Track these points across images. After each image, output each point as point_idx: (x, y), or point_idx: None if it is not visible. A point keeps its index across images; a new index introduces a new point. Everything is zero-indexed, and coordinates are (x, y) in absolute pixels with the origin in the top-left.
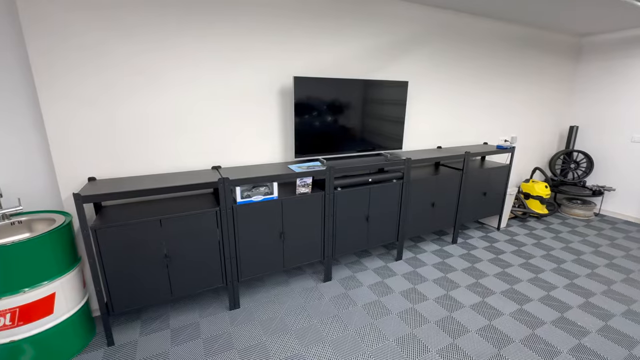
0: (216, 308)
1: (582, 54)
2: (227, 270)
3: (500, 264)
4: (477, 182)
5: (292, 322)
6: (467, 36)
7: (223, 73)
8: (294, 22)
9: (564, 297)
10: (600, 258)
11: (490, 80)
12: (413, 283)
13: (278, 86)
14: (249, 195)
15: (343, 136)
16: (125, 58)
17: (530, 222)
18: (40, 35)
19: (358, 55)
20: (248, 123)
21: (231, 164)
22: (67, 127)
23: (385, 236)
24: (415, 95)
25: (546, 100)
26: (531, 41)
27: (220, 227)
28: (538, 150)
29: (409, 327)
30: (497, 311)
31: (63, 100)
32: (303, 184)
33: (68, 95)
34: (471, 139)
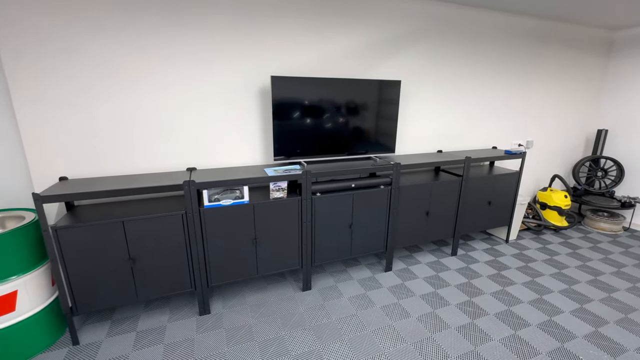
0: (187, 313)
1: (614, 49)
2: (196, 275)
3: (501, 281)
4: (480, 190)
5: (260, 332)
6: (471, 31)
7: (199, 73)
8: (274, 19)
9: (569, 324)
10: (622, 280)
11: (501, 78)
12: (398, 297)
13: (258, 86)
14: (218, 198)
15: (328, 139)
16: (101, 60)
17: (545, 235)
18: (12, 38)
19: (347, 53)
20: (226, 124)
21: (208, 166)
22: (43, 128)
23: (372, 245)
24: (412, 95)
25: (570, 101)
26: (551, 36)
27: (187, 231)
28: (560, 156)
29: (384, 346)
30: (486, 336)
31: (39, 102)
32: (277, 188)
33: (44, 98)
34: (479, 142)
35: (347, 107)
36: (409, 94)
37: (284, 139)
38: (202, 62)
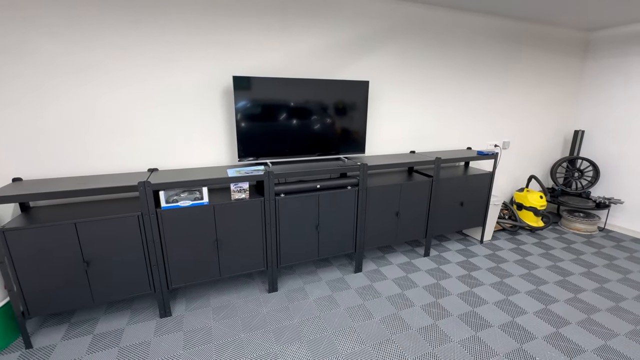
0: (148, 315)
1: (590, 50)
2: (155, 277)
3: (470, 282)
4: (452, 191)
5: (218, 335)
6: (443, 32)
7: (161, 73)
8: (239, 19)
9: (531, 325)
10: (590, 281)
11: (476, 79)
12: (364, 299)
13: (222, 86)
14: (177, 200)
15: (295, 139)
16: (50, 58)
17: (521, 235)
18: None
19: (315, 53)
20: (190, 125)
21: (171, 167)
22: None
23: (341, 247)
24: (383, 96)
25: (547, 102)
26: (527, 37)
27: (144, 233)
28: (537, 157)
29: (342, 347)
30: (446, 337)
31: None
32: (238, 189)
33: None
34: (455, 143)
35: (314, 108)
36: (380, 94)
37: (248, 140)
38: (163, 62)
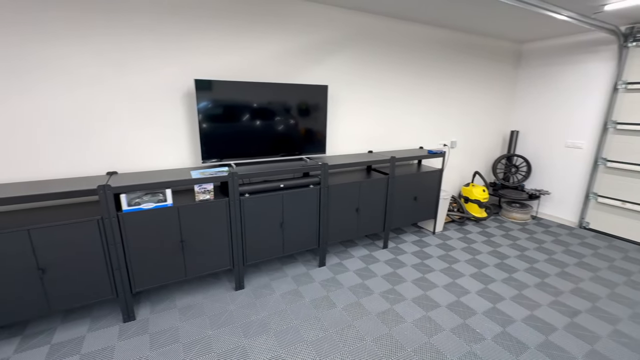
0: (110, 321)
1: (522, 60)
2: (117, 281)
3: (423, 270)
4: (407, 187)
5: (185, 334)
6: (395, 41)
7: (119, 74)
8: (200, 22)
9: (473, 303)
10: (523, 262)
11: (426, 84)
12: (327, 290)
13: (184, 89)
14: (139, 202)
15: (258, 141)
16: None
17: (468, 225)
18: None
19: (276, 58)
20: (152, 127)
21: (132, 170)
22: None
23: (305, 243)
24: (342, 99)
25: (488, 106)
26: (471, 47)
27: (105, 237)
28: (481, 155)
29: (307, 335)
30: (401, 319)
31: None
32: (203, 190)
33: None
34: (409, 143)
35: (276, 111)
36: (339, 97)
37: (211, 142)
38: (123, 64)
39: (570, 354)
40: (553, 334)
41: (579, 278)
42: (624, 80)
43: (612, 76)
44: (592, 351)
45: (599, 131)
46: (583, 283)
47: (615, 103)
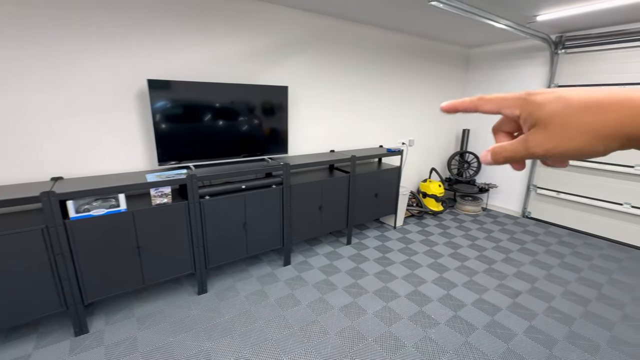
0: (60, 336)
1: (471, 63)
2: (66, 292)
3: (384, 263)
4: (368, 184)
5: (145, 343)
6: (354, 43)
7: (63, 74)
8: (154, 21)
9: (429, 292)
10: (474, 251)
11: (384, 85)
12: (292, 288)
13: (136, 90)
14: (89, 209)
15: (217, 142)
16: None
17: (426, 219)
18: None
19: (235, 58)
20: (102, 129)
21: (79, 174)
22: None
23: (269, 242)
24: (303, 100)
25: None
26: (425, 50)
27: (50, 247)
28: (437, 152)
29: (272, 334)
30: (363, 311)
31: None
32: (160, 193)
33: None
34: (369, 142)
35: (236, 112)
36: (299, 98)
37: (168, 144)
38: (65, 64)
39: (512, 331)
40: (498, 314)
41: (520, 262)
42: (555, 83)
43: (546, 80)
44: (530, 327)
45: None
46: (524, 267)
47: None
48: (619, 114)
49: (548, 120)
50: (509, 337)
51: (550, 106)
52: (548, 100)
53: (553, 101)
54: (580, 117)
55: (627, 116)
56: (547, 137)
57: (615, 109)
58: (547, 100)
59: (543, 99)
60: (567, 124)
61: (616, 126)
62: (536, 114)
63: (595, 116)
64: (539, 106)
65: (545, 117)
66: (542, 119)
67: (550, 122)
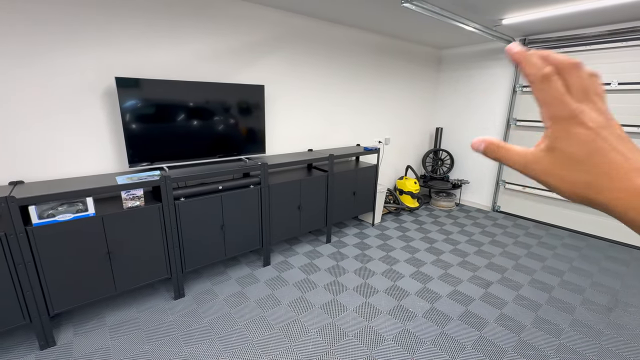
0: (24, 350)
1: (442, 64)
2: (29, 304)
3: (363, 259)
4: (346, 183)
5: (118, 353)
6: (328, 42)
7: (22, 70)
8: (123, 17)
9: (407, 286)
10: (448, 244)
11: (360, 85)
12: (272, 289)
13: (103, 88)
14: (54, 214)
15: (192, 142)
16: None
17: (403, 215)
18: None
19: (210, 57)
20: (66, 130)
21: (42, 178)
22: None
23: (248, 244)
24: (280, 99)
25: (416, 105)
26: (399, 51)
27: (10, 255)
28: (412, 150)
29: (252, 335)
30: (343, 307)
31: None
32: (131, 196)
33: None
34: (346, 141)
35: (212, 111)
36: (276, 97)
37: (140, 145)
38: (23, 59)
39: (484, 319)
40: (471, 304)
41: (491, 254)
42: (520, 83)
43: (512, 80)
44: (501, 315)
45: (504, 127)
46: (495, 258)
47: (514, 103)
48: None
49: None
50: (481, 325)
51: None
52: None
53: (581, 145)
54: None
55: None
56: (549, 170)
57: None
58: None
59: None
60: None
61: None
62: (557, 142)
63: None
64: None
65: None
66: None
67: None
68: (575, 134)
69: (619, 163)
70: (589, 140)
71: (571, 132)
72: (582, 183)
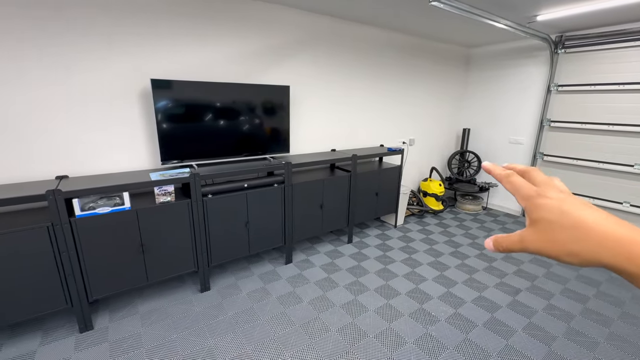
0: (65, 332)
1: (471, 62)
2: (71, 289)
3: (385, 261)
4: (368, 183)
5: (149, 339)
6: (354, 43)
7: (69, 74)
8: (158, 22)
9: (429, 289)
10: (474, 249)
11: (387, 86)
12: (294, 286)
13: (141, 88)
14: (94, 207)
15: (220, 141)
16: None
17: (426, 218)
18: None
19: (237, 58)
20: (106, 129)
21: (85, 173)
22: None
23: (271, 241)
24: (304, 99)
25: (443, 105)
26: (425, 50)
27: (56, 244)
28: (437, 151)
29: (274, 331)
30: (364, 308)
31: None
32: (163, 192)
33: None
34: (370, 141)
35: (239, 112)
36: (301, 98)
37: (171, 143)
38: (71, 63)
39: (511, 327)
40: (498, 312)
41: (520, 261)
42: (555, 83)
43: (546, 79)
44: (529, 324)
45: (536, 128)
46: (524, 265)
47: (549, 103)
48: (599, 245)
49: (540, 225)
50: (508, 333)
51: (546, 214)
52: (548, 208)
53: (551, 210)
54: (565, 234)
55: (607, 248)
56: (537, 238)
57: (597, 240)
58: (547, 207)
59: (545, 204)
60: (553, 234)
61: (593, 254)
62: (534, 214)
63: (578, 239)
64: (538, 209)
65: (539, 220)
66: (536, 221)
67: (541, 227)
68: (543, 204)
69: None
70: (556, 205)
71: (539, 204)
72: (569, 239)
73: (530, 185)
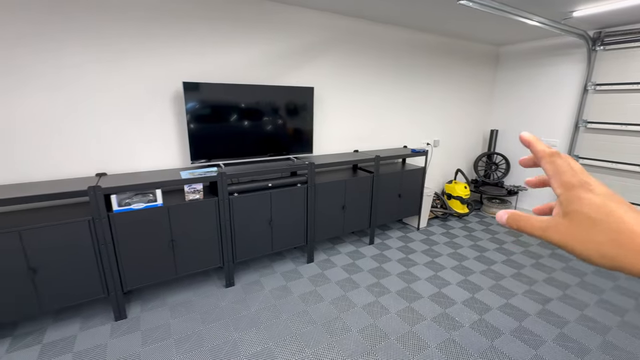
0: (101, 320)
1: (500, 62)
2: (109, 279)
3: (407, 264)
4: (391, 185)
5: (177, 330)
6: (378, 44)
7: (108, 76)
8: (190, 26)
9: (453, 294)
10: (501, 255)
11: (411, 86)
12: (315, 285)
13: (172, 91)
14: (129, 203)
15: (245, 141)
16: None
17: (450, 221)
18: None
19: (262, 61)
20: (140, 129)
21: (121, 171)
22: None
23: (293, 240)
24: (328, 100)
25: (469, 106)
26: (451, 50)
27: (96, 237)
28: (463, 153)
29: (296, 328)
30: (385, 310)
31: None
32: (192, 190)
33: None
34: (393, 142)
35: (264, 113)
36: (325, 99)
37: (200, 143)
38: (110, 66)
39: (541, 337)
40: (526, 320)
41: (552, 268)
42: (593, 81)
43: (583, 78)
44: (560, 334)
45: (571, 130)
46: (555, 273)
47: (585, 103)
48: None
49: (577, 219)
50: (537, 343)
51: (589, 210)
52: (593, 204)
53: (596, 208)
54: (605, 236)
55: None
56: (568, 232)
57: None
58: (591, 203)
59: (589, 199)
60: (590, 234)
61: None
62: (572, 206)
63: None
64: (580, 201)
65: (576, 214)
66: (573, 214)
67: (577, 222)
68: (587, 198)
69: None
70: (601, 204)
71: (583, 197)
72: (608, 241)
73: (575, 172)
